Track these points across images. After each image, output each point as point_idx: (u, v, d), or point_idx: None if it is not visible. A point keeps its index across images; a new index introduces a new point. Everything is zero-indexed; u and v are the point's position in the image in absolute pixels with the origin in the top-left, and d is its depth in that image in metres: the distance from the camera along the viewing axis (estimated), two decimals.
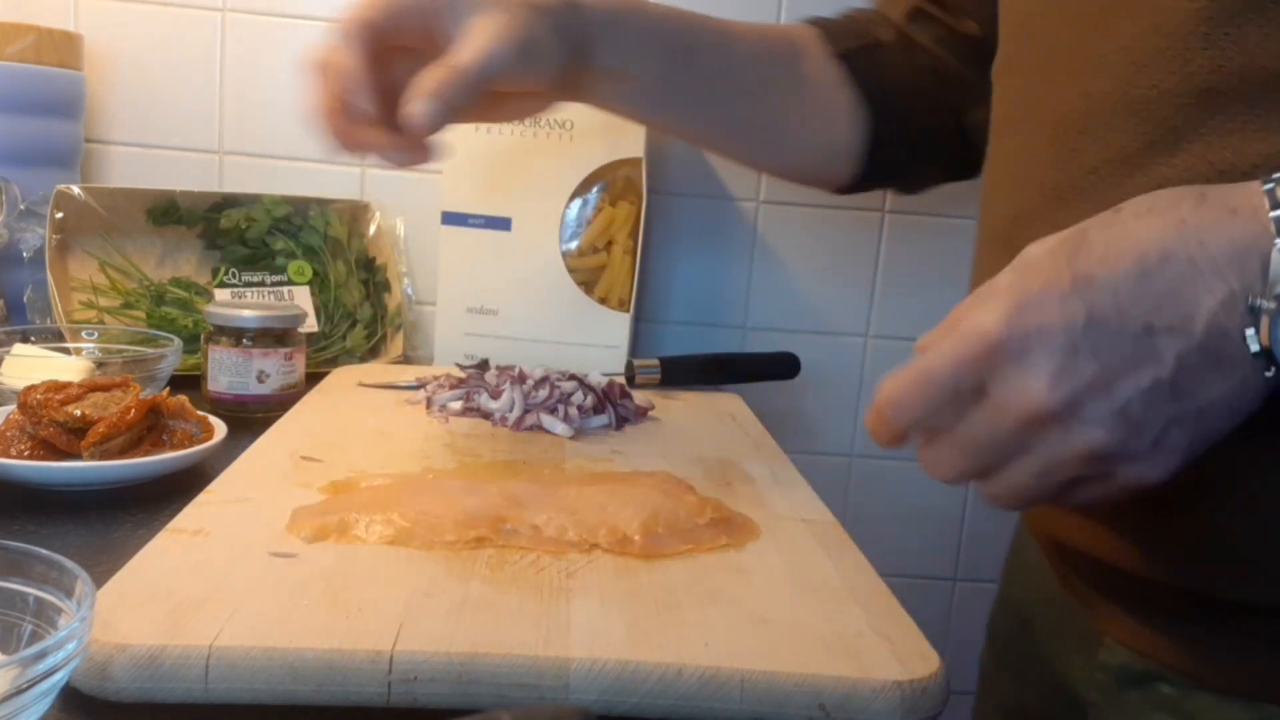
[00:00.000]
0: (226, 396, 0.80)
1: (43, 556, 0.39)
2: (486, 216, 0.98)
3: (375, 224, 1.06)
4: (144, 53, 1.06)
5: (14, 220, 0.92)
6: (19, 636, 0.39)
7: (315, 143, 1.09)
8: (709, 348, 1.15)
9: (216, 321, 0.80)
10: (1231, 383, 0.40)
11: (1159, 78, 0.48)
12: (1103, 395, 0.40)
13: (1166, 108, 0.47)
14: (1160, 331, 0.39)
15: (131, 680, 0.39)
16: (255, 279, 0.98)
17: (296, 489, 0.58)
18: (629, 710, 0.41)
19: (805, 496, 0.65)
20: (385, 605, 0.44)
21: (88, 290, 0.92)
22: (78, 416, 0.62)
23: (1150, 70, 0.48)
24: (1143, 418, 0.40)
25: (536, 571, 0.49)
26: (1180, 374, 0.39)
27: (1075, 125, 0.51)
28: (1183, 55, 0.47)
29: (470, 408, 0.78)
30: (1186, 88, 0.47)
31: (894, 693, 0.41)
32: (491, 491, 0.56)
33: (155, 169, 1.08)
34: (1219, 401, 0.40)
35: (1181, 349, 0.39)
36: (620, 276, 0.99)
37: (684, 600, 0.47)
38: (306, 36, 1.07)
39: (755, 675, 0.41)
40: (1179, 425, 0.40)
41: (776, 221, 1.14)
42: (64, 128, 0.98)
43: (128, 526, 0.58)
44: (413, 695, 0.40)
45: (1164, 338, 0.39)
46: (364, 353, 0.99)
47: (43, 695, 0.34)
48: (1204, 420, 0.40)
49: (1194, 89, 0.46)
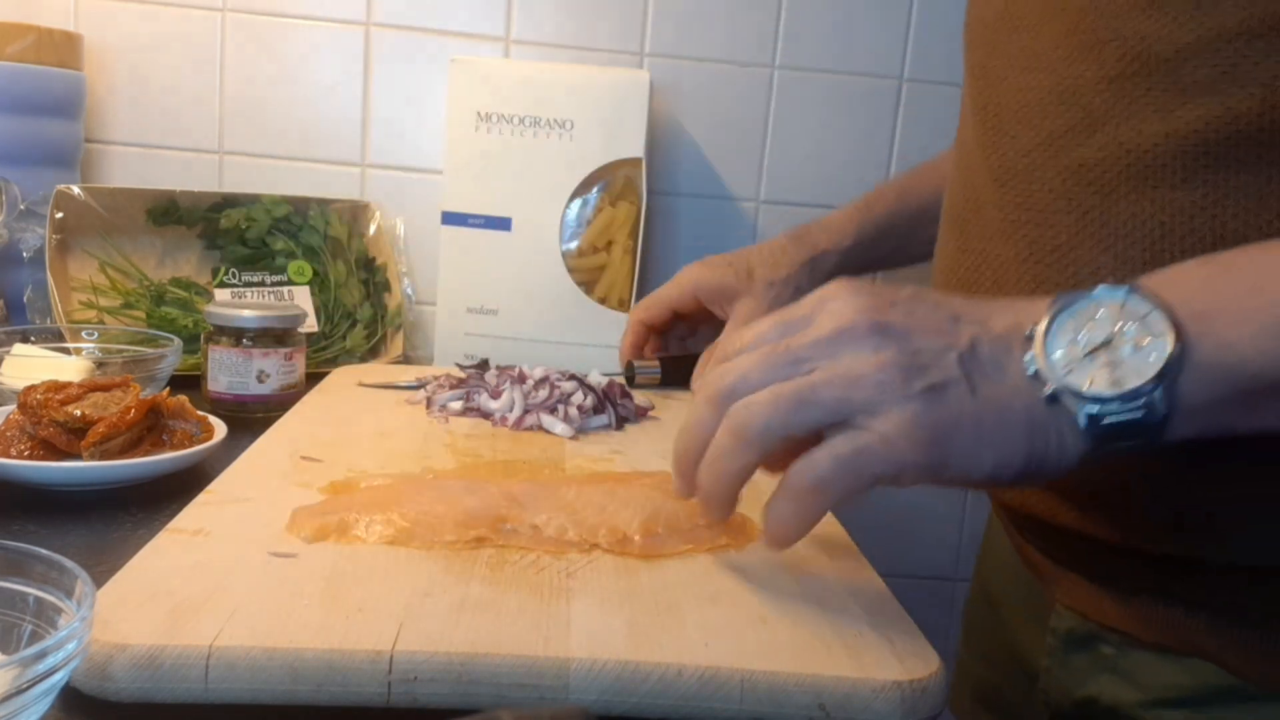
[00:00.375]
0: (226, 396, 0.80)
1: (43, 556, 0.39)
2: (486, 216, 0.98)
3: (375, 224, 1.06)
4: (144, 53, 1.06)
5: (14, 220, 0.92)
6: (19, 636, 0.39)
7: (315, 142, 1.09)
8: None
9: (216, 321, 0.80)
10: (1011, 388, 0.43)
11: (1081, 68, 0.52)
12: (901, 332, 0.44)
13: (1087, 94, 0.52)
14: (964, 320, 0.45)
15: (131, 680, 0.39)
16: (255, 279, 0.98)
17: (296, 489, 0.58)
18: (629, 710, 0.41)
19: None
20: (385, 605, 0.44)
21: (88, 290, 0.92)
22: (78, 416, 0.62)
23: (1074, 62, 0.53)
24: (927, 364, 0.43)
25: (536, 571, 0.49)
26: (971, 352, 0.43)
27: (1014, 114, 0.56)
28: (1097, 47, 0.51)
29: (470, 408, 0.78)
30: (1101, 75, 0.51)
31: (894, 693, 0.41)
32: (491, 491, 0.56)
33: (155, 169, 1.08)
34: (997, 400, 0.43)
35: (978, 334, 0.44)
36: (620, 276, 0.99)
37: (684, 600, 0.47)
38: (306, 36, 1.07)
39: (755, 675, 0.41)
40: (952, 393, 0.43)
41: (776, 222, 1.14)
42: (64, 128, 0.98)
43: (128, 526, 0.58)
44: (413, 695, 0.40)
45: (966, 325, 0.44)
46: (364, 353, 0.99)
47: (43, 695, 0.34)
48: (977, 404, 0.43)
49: (1106, 75, 0.51)
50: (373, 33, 1.08)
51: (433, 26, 1.07)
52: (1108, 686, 0.57)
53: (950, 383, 0.43)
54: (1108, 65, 0.51)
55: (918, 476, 0.44)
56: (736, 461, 0.45)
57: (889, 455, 0.43)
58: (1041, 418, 0.43)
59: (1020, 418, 0.43)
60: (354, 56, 1.08)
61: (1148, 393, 0.41)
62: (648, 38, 1.09)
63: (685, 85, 1.10)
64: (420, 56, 1.08)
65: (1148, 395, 0.41)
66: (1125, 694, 0.56)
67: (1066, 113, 0.53)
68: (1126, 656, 0.56)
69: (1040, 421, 0.43)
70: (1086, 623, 0.58)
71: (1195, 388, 0.41)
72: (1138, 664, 0.55)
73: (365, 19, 1.07)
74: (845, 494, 0.44)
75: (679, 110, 1.11)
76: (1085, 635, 0.58)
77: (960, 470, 0.43)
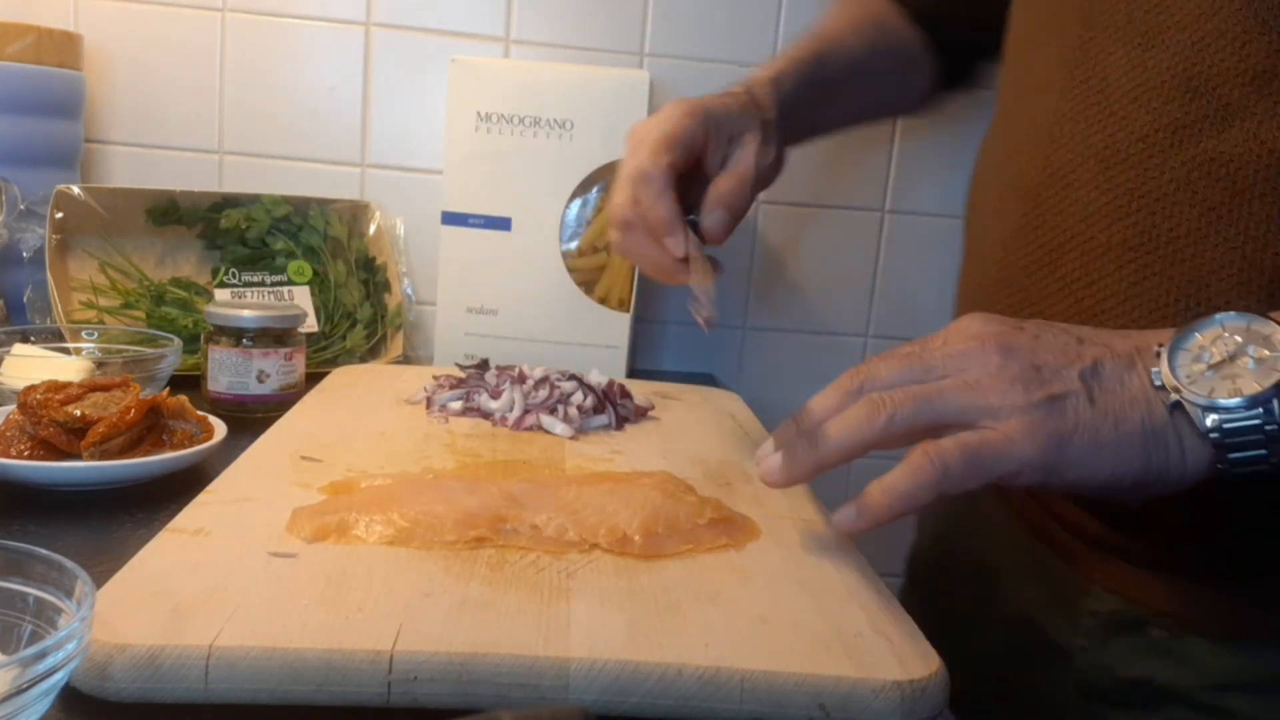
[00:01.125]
0: (226, 396, 0.80)
1: (43, 556, 0.39)
2: (486, 216, 0.98)
3: (375, 224, 1.06)
4: (144, 53, 1.06)
5: (14, 220, 0.92)
6: (19, 636, 0.39)
7: (315, 142, 1.09)
8: (708, 348, 1.15)
9: (216, 321, 0.80)
10: (1129, 400, 0.46)
11: (1218, 58, 0.51)
12: (1027, 351, 0.48)
13: (1223, 86, 0.51)
14: (1088, 343, 0.49)
15: (131, 680, 0.39)
16: (255, 279, 0.98)
17: (296, 489, 0.58)
18: (629, 710, 0.41)
19: (805, 496, 0.65)
20: (385, 605, 0.44)
21: (88, 290, 0.92)
22: (78, 416, 0.62)
23: (1207, 50, 0.52)
24: (1048, 379, 0.47)
25: (536, 571, 0.49)
26: (1094, 369, 0.47)
27: (1127, 94, 0.55)
28: (1241, 38, 0.50)
29: (470, 408, 0.78)
30: (1243, 68, 0.50)
31: (894, 693, 0.41)
32: (491, 491, 0.56)
33: (155, 169, 1.08)
34: (1114, 411, 0.46)
35: (1101, 354, 0.48)
36: (620, 276, 0.99)
37: (684, 600, 0.47)
38: (306, 36, 1.07)
39: (755, 675, 0.41)
40: (1070, 402, 0.46)
41: (776, 221, 1.14)
42: (64, 128, 0.98)
43: (128, 526, 0.58)
44: (413, 695, 0.40)
45: (1090, 346, 0.48)
46: (364, 353, 0.99)
47: (43, 695, 0.34)
48: (1095, 414, 0.46)
49: (1250, 69, 0.50)
50: (373, 33, 1.08)
51: (433, 26, 1.07)
52: (1161, 669, 0.58)
53: (1070, 394, 0.46)
54: (1253, 58, 0.50)
55: (1036, 476, 0.46)
56: (862, 432, 0.49)
57: (1011, 452, 0.46)
58: (1159, 428, 0.46)
59: (1136, 427, 0.46)
60: (354, 56, 1.08)
61: (1265, 401, 0.44)
62: (648, 38, 1.09)
63: (685, 85, 1.10)
64: (420, 56, 1.08)
65: (1266, 404, 0.44)
66: (1185, 678, 0.57)
67: (1195, 101, 0.52)
68: (1182, 642, 0.57)
69: (1158, 431, 0.46)
70: (1131, 605, 0.59)
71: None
72: (1196, 649, 0.56)
73: (365, 19, 1.07)
74: (964, 481, 0.47)
75: None
76: (1131, 619, 0.59)
77: (1078, 475, 0.46)
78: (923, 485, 0.47)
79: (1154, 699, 0.58)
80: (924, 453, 0.47)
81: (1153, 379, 0.46)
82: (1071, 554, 0.62)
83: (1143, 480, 0.46)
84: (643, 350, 1.14)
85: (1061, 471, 0.46)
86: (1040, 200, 0.59)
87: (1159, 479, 0.46)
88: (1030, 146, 0.61)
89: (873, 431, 0.49)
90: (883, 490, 0.48)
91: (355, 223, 1.05)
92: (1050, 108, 0.59)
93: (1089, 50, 0.57)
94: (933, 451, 0.47)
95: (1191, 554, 0.56)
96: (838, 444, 0.50)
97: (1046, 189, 0.59)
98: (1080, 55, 0.58)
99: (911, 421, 0.48)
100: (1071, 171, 0.57)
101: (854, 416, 0.50)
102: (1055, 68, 0.60)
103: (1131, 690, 0.60)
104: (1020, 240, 0.61)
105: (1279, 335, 0.45)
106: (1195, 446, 0.45)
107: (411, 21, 1.08)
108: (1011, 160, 0.63)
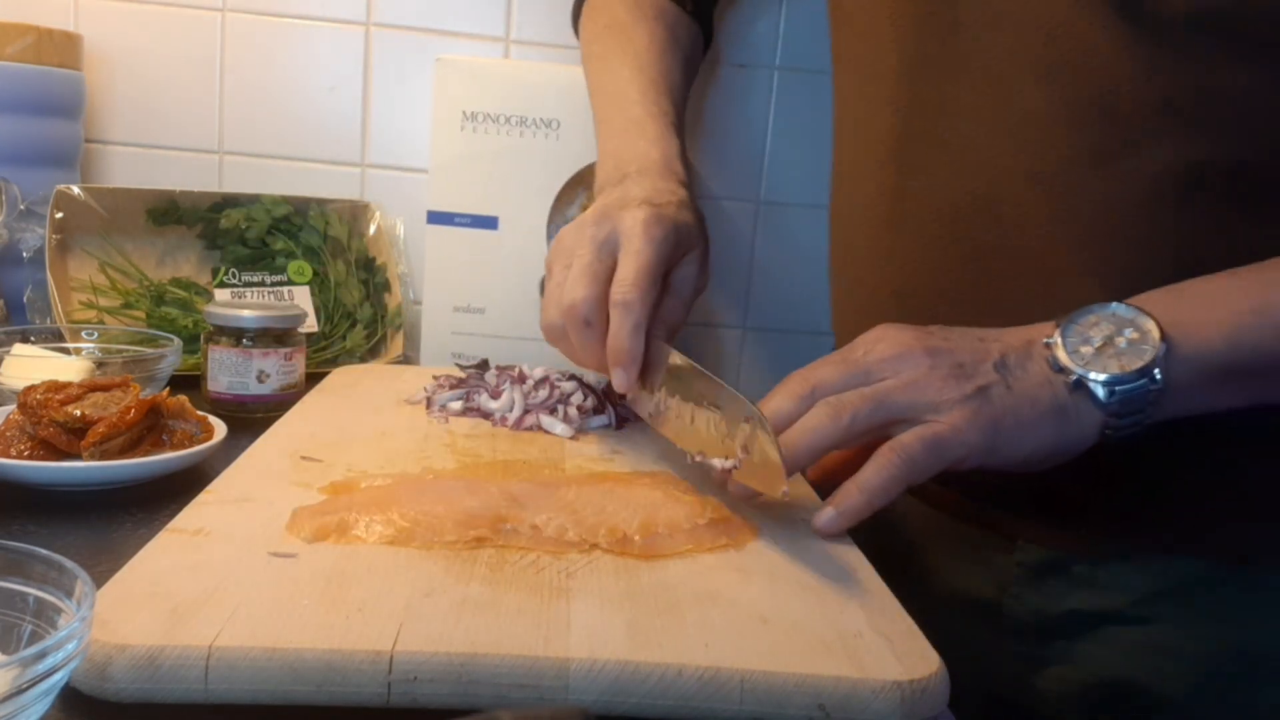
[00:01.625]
0: (226, 396, 0.80)
1: (43, 556, 0.39)
2: (473, 216, 0.97)
3: (375, 224, 1.06)
4: (144, 53, 1.06)
5: (14, 220, 0.92)
6: (19, 636, 0.39)
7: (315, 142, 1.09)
8: (707, 348, 1.15)
9: (216, 321, 0.80)
10: (1037, 384, 0.55)
11: (1129, 89, 0.58)
12: (947, 351, 0.56)
13: (1135, 115, 0.58)
14: (988, 339, 0.57)
15: (131, 680, 0.39)
16: (255, 279, 0.98)
17: (296, 489, 0.58)
18: (629, 710, 0.41)
19: (806, 496, 0.65)
20: (385, 605, 0.44)
21: (88, 290, 0.92)
22: (78, 416, 0.62)
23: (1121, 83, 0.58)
24: (971, 373, 0.55)
25: (536, 571, 0.49)
26: (1002, 360, 0.56)
27: (1046, 121, 0.61)
28: (1146, 71, 0.58)
29: (470, 408, 0.78)
30: (1153, 99, 0.58)
31: (894, 693, 0.41)
32: (491, 491, 0.56)
33: (155, 169, 1.08)
34: (1028, 394, 0.55)
35: (1003, 348, 0.56)
36: None
37: (684, 600, 0.47)
38: (306, 36, 1.07)
39: (755, 675, 0.41)
40: (994, 391, 0.54)
41: (777, 222, 1.14)
42: (64, 128, 0.98)
43: (128, 526, 0.58)
44: (413, 695, 0.40)
45: (991, 342, 0.57)
46: (364, 353, 0.99)
47: (43, 695, 0.34)
48: (1014, 398, 0.54)
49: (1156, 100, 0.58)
50: (373, 33, 1.08)
51: (432, 26, 1.07)
52: (1089, 599, 0.66)
53: (992, 385, 0.55)
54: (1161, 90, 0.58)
55: (977, 458, 0.54)
56: (829, 434, 0.55)
57: (961, 439, 0.53)
58: (1064, 404, 0.55)
59: (1048, 406, 0.55)
60: (354, 56, 1.08)
61: (1149, 371, 0.53)
62: None
63: None
64: (420, 57, 1.08)
65: (1149, 374, 0.53)
66: (1111, 601, 0.65)
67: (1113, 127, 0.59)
68: (1103, 569, 0.66)
69: (1064, 407, 0.55)
70: (1054, 551, 0.67)
71: (1181, 371, 0.54)
72: (1113, 575, 0.65)
73: (365, 19, 1.07)
74: (926, 470, 0.53)
75: None
76: (1055, 561, 0.67)
77: (1009, 453, 0.55)
78: (894, 478, 0.53)
79: (1085, 625, 0.66)
80: (890, 448, 0.54)
81: (1051, 364, 0.55)
82: (993, 521, 0.70)
83: (1055, 451, 0.55)
84: None
85: (997, 451, 0.54)
86: (961, 219, 0.65)
87: (1066, 449, 0.55)
88: (941, 169, 0.66)
89: (837, 432, 0.54)
90: (859, 488, 0.54)
91: (355, 223, 1.05)
92: (962, 132, 0.65)
93: (992, 79, 0.63)
94: (897, 446, 0.53)
95: (1099, 502, 0.65)
96: (808, 446, 0.55)
97: (966, 209, 0.65)
98: (982, 84, 0.63)
99: (869, 421, 0.55)
100: (994, 193, 0.63)
101: (818, 420, 0.55)
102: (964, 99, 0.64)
103: (1064, 622, 0.67)
104: (944, 255, 0.66)
105: (1141, 319, 0.55)
106: (1091, 417, 0.54)
107: (411, 22, 1.08)
108: (917, 177, 0.67)
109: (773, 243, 1.14)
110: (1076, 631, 0.67)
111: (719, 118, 1.11)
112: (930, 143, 0.66)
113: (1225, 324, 0.54)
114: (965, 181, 0.64)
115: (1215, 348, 0.54)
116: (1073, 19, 0.59)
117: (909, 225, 0.68)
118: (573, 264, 0.67)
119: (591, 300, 0.65)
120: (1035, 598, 0.68)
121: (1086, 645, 0.67)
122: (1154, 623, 0.64)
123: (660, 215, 0.68)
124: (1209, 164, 0.58)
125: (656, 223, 0.67)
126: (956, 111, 0.64)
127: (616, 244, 0.67)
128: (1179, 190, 0.58)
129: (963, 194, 0.65)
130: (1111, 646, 0.66)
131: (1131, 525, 0.65)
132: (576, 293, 0.65)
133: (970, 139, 0.64)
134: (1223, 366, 0.54)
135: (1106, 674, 0.66)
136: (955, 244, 0.65)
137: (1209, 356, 0.54)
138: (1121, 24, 0.58)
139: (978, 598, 0.71)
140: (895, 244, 0.69)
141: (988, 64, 0.63)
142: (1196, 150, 0.58)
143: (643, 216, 0.67)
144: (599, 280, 0.66)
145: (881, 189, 0.70)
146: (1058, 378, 0.55)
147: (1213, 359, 0.54)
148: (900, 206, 0.68)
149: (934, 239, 0.66)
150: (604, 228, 0.68)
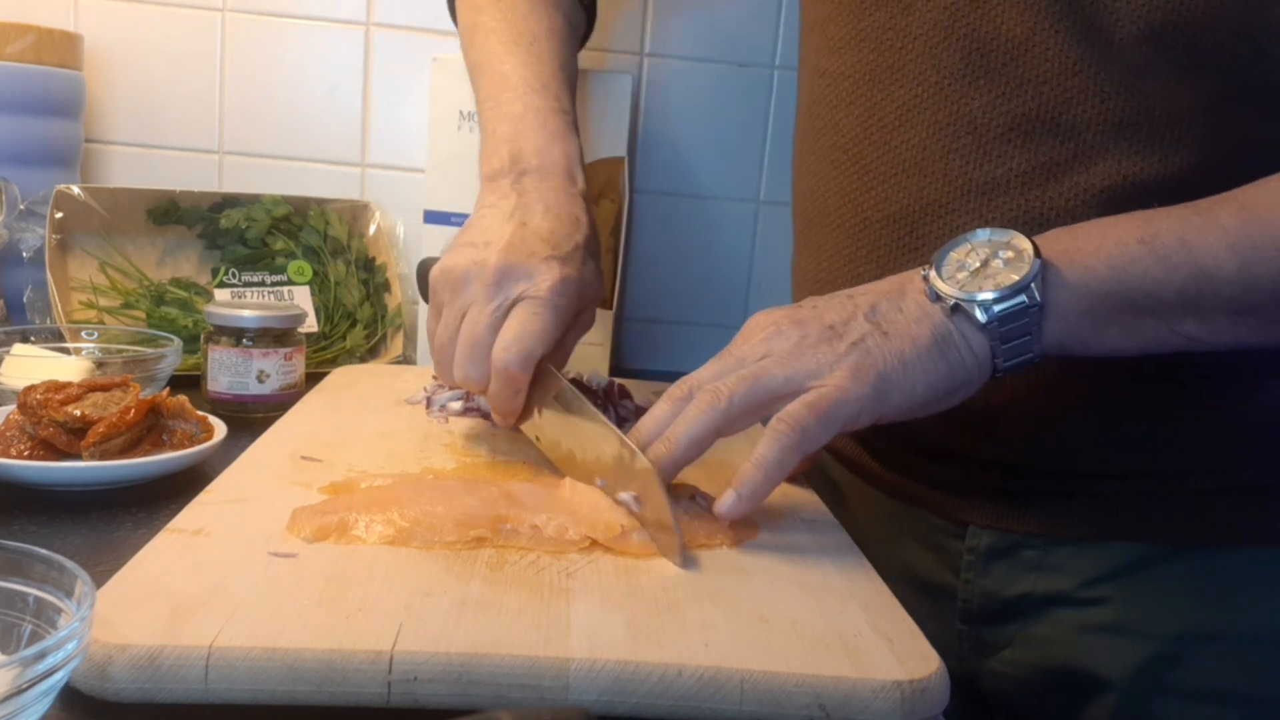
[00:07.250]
0: (226, 396, 0.80)
1: (43, 556, 0.39)
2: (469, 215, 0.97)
3: (375, 224, 1.06)
4: (144, 53, 1.06)
5: (14, 220, 0.92)
6: (19, 636, 0.39)
7: (315, 142, 1.09)
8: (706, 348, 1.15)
9: (216, 321, 0.80)
10: (913, 320, 0.55)
11: (1081, 109, 0.60)
12: (814, 317, 0.56)
13: (1086, 132, 0.60)
14: (857, 294, 0.58)
15: (131, 680, 0.39)
16: (255, 279, 0.98)
17: (296, 489, 0.58)
18: (629, 710, 0.41)
19: (805, 496, 0.65)
20: (385, 605, 0.44)
21: (88, 290, 0.92)
22: (78, 416, 0.62)
23: (1071, 102, 0.60)
24: (842, 332, 0.55)
25: (536, 571, 0.49)
26: (872, 310, 0.56)
27: (999, 135, 0.62)
28: (1099, 93, 0.59)
29: (470, 408, 0.78)
30: (1103, 119, 0.59)
31: (894, 693, 0.41)
32: (491, 491, 0.56)
33: (155, 169, 1.08)
34: (905, 333, 0.55)
35: (873, 298, 0.57)
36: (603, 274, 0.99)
37: (684, 600, 0.47)
38: (306, 36, 1.07)
39: (755, 675, 0.41)
40: (870, 341, 0.54)
41: (777, 222, 1.14)
42: (64, 128, 0.98)
43: (128, 526, 0.58)
44: (413, 695, 0.40)
45: (860, 295, 0.58)
46: (364, 353, 0.99)
47: (43, 695, 0.34)
48: (893, 342, 0.54)
49: (1109, 120, 0.59)
50: (373, 33, 1.08)
51: (432, 26, 1.07)
52: (1039, 582, 0.68)
53: (865, 335, 0.55)
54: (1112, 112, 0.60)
55: (871, 412, 0.54)
56: (708, 420, 0.54)
57: (847, 397, 0.53)
58: (945, 333, 0.55)
59: (929, 338, 0.55)
60: (354, 56, 1.08)
61: (1025, 287, 0.54)
62: (647, 38, 1.09)
63: (684, 85, 1.10)
64: (419, 57, 1.08)
65: (1025, 289, 0.54)
66: (1059, 583, 0.67)
67: (1065, 144, 0.61)
68: (1052, 553, 0.67)
69: (946, 336, 0.55)
70: (1005, 535, 0.68)
71: (1063, 295, 0.54)
72: (1061, 559, 0.67)
73: (365, 19, 1.07)
74: (820, 436, 0.53)
75: (677, 110, 1.11)
76: (1006, 546, 0.69)
77: (902, 399, 0.54)
78: (787, 449, 0.53)
79: (1035, 608, 0.68)
80: (779, 420, 0.53)
81: (928, 296, 0.56)
82: (939, 506, 0.71)
83: (951, 385, 0.55)
84: (637, 350, 1.14)
85: (889, 399, 0.54)
86: (915, 226, 0.66)
87: (963, 380, 0.55)
88: (896, 176, 0.66)
89: (716, 416, 0.54)
90: (755, 465, 0.54)
91: (355, 223, 1.05)
92: (915, 142, 0.65)
93: (945, 90, 0.63)
94: (786, 417, 0.53)
95: (1047, 487, 0.67)
96: (688, 435, 0.54)
97: (920, 217, 0.65)
98: (935, 95, 0.64)
99: (747, 401, 0.54)
100: (948, 202, 0.64)
101: (697, 409, 0.55)
102: (919, 107, 0.65)
103: (1015, 606, 0.69)
104: (899, 262, 0.66)
105: (1017, 239, 0.56)
106: (977, 341, 0.55)
107: (412, 22, 1.08)
108: (874, 184, 0.68)
109: (773, 243, 1.14)
110: (1027, 615, 0.68)
111: (719, 118, 1.11)
112: (886, 150, 0.67)
113: (1109, 252, 0.55)
114: (919, 190, 0.65)
115: (1098, 273, 0.54)
116: (1027, 35, 0.60)
117: (867, 230, 0.69)
118: (463, 329, 0.63)
119: (483, 379, 0.63)
120: (986, 582, 0.70)
121: (1036, 628, 0.68)
122: (1101, 605, 0.66)
123: (565, 279, 0.64)
124: (1159, 180, 0.59)
125: (562, 289, 0.63)
126: (911, 121, 0.65)
127: (514, 305, 0.63)
128: (1129, 206, 0.58)
129: (916, 201, 0.65)
130: (1060, 629, 0.67)
131: (1077, 509, 0.66)
132: (468, 370, 0.63)
133: (924, 148, 0.64)
134: (1106, 294, 0.54)
135: (1056, 657, 0.67)
136: (910, 251, 0.66)
137: (1091, 283, 0.54)
138: (1075, 43, 0.59)
139: (931, 582, 0.73)
140: (855, 248, 0.70)
141: (940, 77, 0.63)
142: (1147, 166, 0.59)
143: (548, 284, 0.63)
144: (489, 356, 0.62)
145: (842, 192, 0.70)
146: (934, 308, 0.55)
147: (1095, 285, 0.54)
148: (859, 212, 0.69)
149: (889, 245, 0.67)
150: (506, 291, 0.63)
